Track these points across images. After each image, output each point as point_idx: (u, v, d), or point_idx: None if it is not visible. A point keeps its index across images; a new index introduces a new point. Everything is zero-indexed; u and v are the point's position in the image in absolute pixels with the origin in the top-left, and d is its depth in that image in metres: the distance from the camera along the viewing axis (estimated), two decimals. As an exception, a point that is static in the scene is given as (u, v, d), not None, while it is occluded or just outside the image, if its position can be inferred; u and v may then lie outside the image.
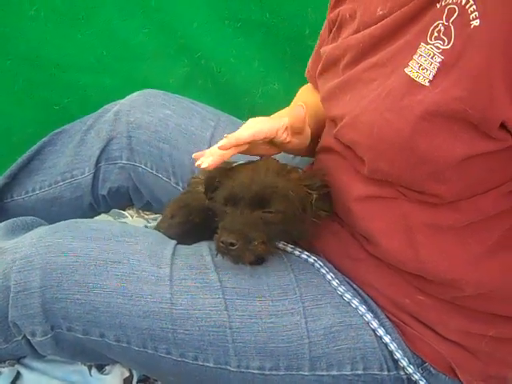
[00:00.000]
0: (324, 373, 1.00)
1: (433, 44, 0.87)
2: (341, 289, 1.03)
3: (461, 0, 0.84)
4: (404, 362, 1.00)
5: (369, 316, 1.01)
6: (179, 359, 1.00)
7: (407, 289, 1.01)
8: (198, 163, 0.98)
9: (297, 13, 1.58)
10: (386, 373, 1.02)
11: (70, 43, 1.60)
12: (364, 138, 0.94)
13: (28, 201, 1.40)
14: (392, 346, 1.00)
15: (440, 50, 0.86)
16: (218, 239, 0.96)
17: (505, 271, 0.96)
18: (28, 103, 1.65)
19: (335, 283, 1.04)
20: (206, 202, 1.04)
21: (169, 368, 1.02)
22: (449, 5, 0.86)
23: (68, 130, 1.42)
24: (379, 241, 0.98)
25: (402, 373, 1.02)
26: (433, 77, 0.86)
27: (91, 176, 1.36)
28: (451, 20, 0.85)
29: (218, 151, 0.98)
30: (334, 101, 1.04)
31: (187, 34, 1.62)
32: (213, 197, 1.03)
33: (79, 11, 1.57)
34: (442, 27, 0.86)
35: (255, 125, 1.01)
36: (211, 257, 1.04)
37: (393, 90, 0.90)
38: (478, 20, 0.82)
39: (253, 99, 1.69)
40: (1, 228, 1.18)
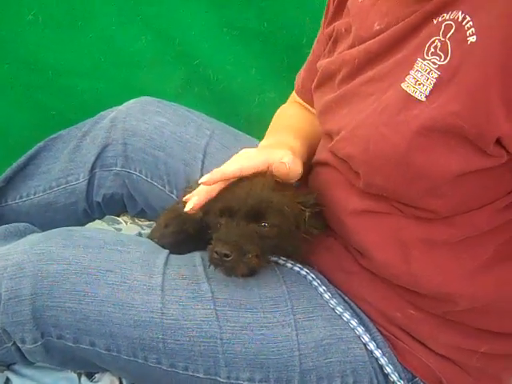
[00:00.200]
0: None
1: (429, 59, 0.87)
2: (333, 302, 1.03)
3: (458, 16, 0.85)
4: (394, 377, 1.00)
5: (360, 330, 1.01)
6: (169, 369, 1.00)
7: (399, 303, 1.01)
8: (186, 210, 0.98)
9: (294, 22, 1.58)
10: (376, 387, 1.02)
11: (68, 48, 1.60)
12: (360, 153, 0.94)
13: (22, 206, 1.40)
14: (383, 361, 1.00)
15: (437, 66, 0.86)
16: (212, 250, 0.96)
17: (499, 286, 0.96)
18: (25, 107, 1.65)
19: (327, 296, 1.03)
20: (200, 214, 1.03)
21: (159, 378, 1.02)
22: (445, 21, 0.86)
23: (64, 136, 1.41)
24: (373, 255, 0.98)
25: (392, 387, 1.02)
26: (429, 92, 0.86)
27: (86, 182, 1.36)
28: (448, 36, 0.85)
29: (203, 190, 0.98)
30: (330, 115, 1.04)
31: (185, 42, 1.62)
32: (208, 208, 1.02)
33: (77, 17, 1.57)
34: (439, 43, 0.86)
35: (244, 159, 1.01)
36: (203, 267, 1.04)
37: (389, 105, 0.90)
38: (475, 36, 0.82)
39: (249, 107, 1.69)
40: (-7, 234, 1.18)
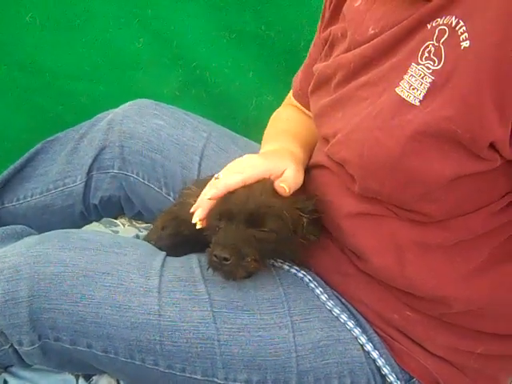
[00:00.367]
0: None
1: (423, 64, 0.87)
2: (329, 303, 1.03)
3: (451, 21, 0.85)
4: (391, 378, 1.00)
5: (357, 331, 1.01)
6: (166, 371, 1.00)
7: (396, 304, 1.01)
8: (194, 221, 0.99)
9: (292, 25, 1.58)
10: (374, 388, 1.02)
11: (66, 51, 1.60)
12: (355, 157, 0.94)
13: (19, 208, 1.40)
14: (380, 362, 1.00)
15: (430, 71, 0.86)
16: (211, 253, 0.95)
17: (494, 289, 0.96)
18: (22, 110, 1.65)
19: (324, 298, 1.03)
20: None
21: (156, 379, 1.02)
22: (439, 26, 0.86)
23: (61, 138, 1.42)
24: (369, 257, 0.98)
25: (390, 388, 1.02)
26: (423, 97, 0.86)
27: (83, 184, 1.36)
28: (441, 41, 0.86)
29: (206, 202, 0.98)
30: (326, 118, 1.04)
31: (182, 44, 1.62)
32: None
33: (75, 19, 1.57)
34: (433, 48, 0.87)
35: (248, 168, 1.00)
36: (200, 269, 1.04)
37: (384, 110, 0.91)
38: (468, 41, 0.82)
39: (247, 110, 1.70)
40: (-10, 236, 1.18)
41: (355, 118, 0.95)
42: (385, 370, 1.00)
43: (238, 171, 1.00)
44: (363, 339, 1.01)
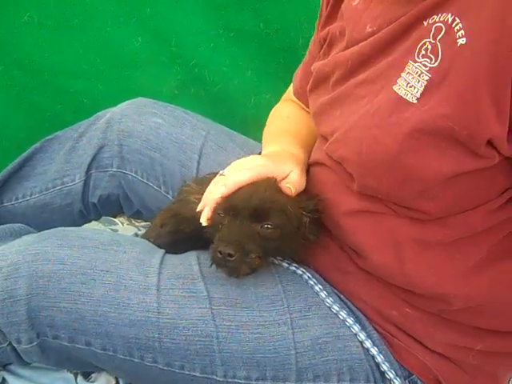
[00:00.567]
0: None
1: (420, 62, 0.87)
2: (329, 300, 1.03)
3: (447, 18, 0.85)
4: (391, 374, 1.00)
5: (356, 328, 1.01)
6: (165, 368, 1.00)
7: (395, 301, 1.01)
8: (201, 221, 0.99)
9: (290, 23, 1.58)
10: (373, 384, 1.02)
11: (64, 49, 1.60)
12: (353, 155, 0.94)
13: (18, 207, 1.40)
14: (379, 358, 1.00)
15: (427, 68, 0.86)
16: (216, 249, 0.95)
17: (493, 286, 0.96)
18: (21, 109, 1.65)
19: (323, 295, 1.03)
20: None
21: (155, 377, 1.02)
22: (435, 23, 0.86)
23: (60, 137, 1.41)
24: (368, 255, 0.98)
25: (389, 384, 1.02)
26: (420, 94, 0.87)
27: (82, 183, 1.36)
28: (438, 38, 0.86)
29: (212, 199, 0.98)
30: (325, 116, 1.05)
31: (181, 43, 1.63)
32: None
33: (73, 18, 1.57)
34: (430, 45, 0.87)
35: (256, 168, 1.00)
36: (199, 266, 1.04)
37: (381, 107, 0.91)
38: (465, 38, 0.82)
39: (245, 108, 1.70)
40: (-12, 235, 1.18)
41: (353, 116, 0.95)
42: (384, 367, 1.00)
43: (246, 168, 1.00)
44: (362, 336, 1.00)
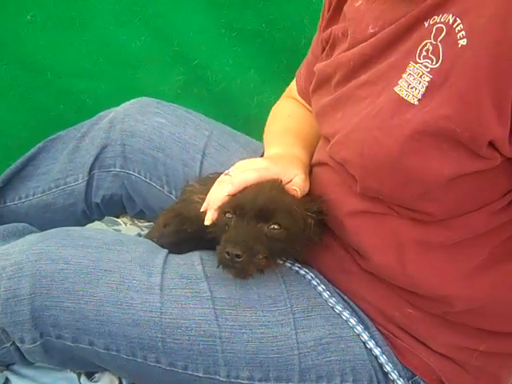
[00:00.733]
0: None
1: (422, 63, 0.87)
2: (332, 300, 1.03)
3: (448, 19, 0.84)
4: (394, 375, 1.00)
5: (359, 328, 1.01)
6: (168, 368, 1.00)
7: (398, 302, 1.01)
8: (206, 223, 1.00)
9: (293, 23, 1.58)
10: (376, 385, 1.02)
11: (66, 49, 1.60)
12: (355, 157, 0.94)
13: (21, 207, 1.40)
14: (382, 359, 1.00)
15: (428, 69, 0.86)
16: (223, 250, 0.94)
17: (495, 287, 0.96)
18: (23, 108, 1.65)
19: (326, 295, 1.03)
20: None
21: (158, 377, 1.02)
22: (436, 24, 0.86)
23: (62, 137, 1.41)
24: (371, 256, 0.98)
25: (392, 385, 1.02)
26: (422, 96, 0.86)
27: (85, 183, 1.36)
28: (439, 39, 0.85)
29: (218, 200, 0.98)
30: (326, 118, 1.05)
31: (183, 42, 1.63)
32: None
33: (76, 17, 1.57)
34: (431, 46, 0.86)
35: (260, 170, 1.00)
36: (202, 266, 1.04)
37: (383, 109, 0.90)
38: (465, 39, 0.82)
39: (248, 108, 1.70)
40: (-8, 234, 1.18)
41: (355, 118, 0.95)
42: (387, 367, 1.00)
43: (252, 169, 1.00)
44: (365, 336, 1.00)
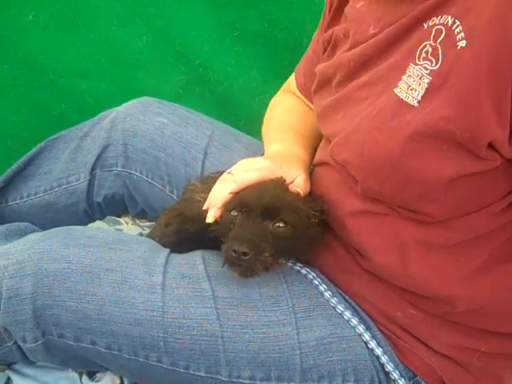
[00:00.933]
0: None
1: (421, 65, 0.87)
2: (333, 300, 1.03)
3: (447, 21, 0.84)
4: (395, 375, 1.00)
5: (361, 328, 1.01)
6: (170, 368, 1.00)
7: (399, 302, 1.01)
8: (208, 221, 1.00)
9: (295, 23, 1.59)
10: (378, 385, 1.02)
11: (68, 49, 1.60)
12: (355, 158, 0.94)
13: (23, 206, 1.40)
14: (383, 359, 1.00)
15: (428, 71, 0.86)
16: (229, 248, 0.94)
17: (496, 288, 0.96)
18: (25, 108, 1.65)
19: (328, 295, 1.03)
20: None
21: (160, 376, 1.02)
22: (436, 25, 0.86)
23: (64, 137, 1.41)
24: (372, 256, 0.98)
25: (394, 385, 1.02)
26: (421, 97, 0.86)
27: (86, 183, 1.36)
28: (438, 41, 0.85)
29: (220, 198, 0.98)
30: (327, 119, 1.05)
31: (185, 42, 1.63)
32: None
33: (78, 17, 1.57)
34: (430, 48, 0.86)
35: (262, 170, 1.01)
36: (204, 266, 1.04)
37: (383, 110, 0.91)
38: (465, 41, 0.82)
39: (250, 108, 1.70)
40: (-6, 233, 1.18)
41: (355, 119, 0.95)
42: (389, 367, 1.00)
43: (254, 168, 1.00)
44: (367, 336, 1.00)
